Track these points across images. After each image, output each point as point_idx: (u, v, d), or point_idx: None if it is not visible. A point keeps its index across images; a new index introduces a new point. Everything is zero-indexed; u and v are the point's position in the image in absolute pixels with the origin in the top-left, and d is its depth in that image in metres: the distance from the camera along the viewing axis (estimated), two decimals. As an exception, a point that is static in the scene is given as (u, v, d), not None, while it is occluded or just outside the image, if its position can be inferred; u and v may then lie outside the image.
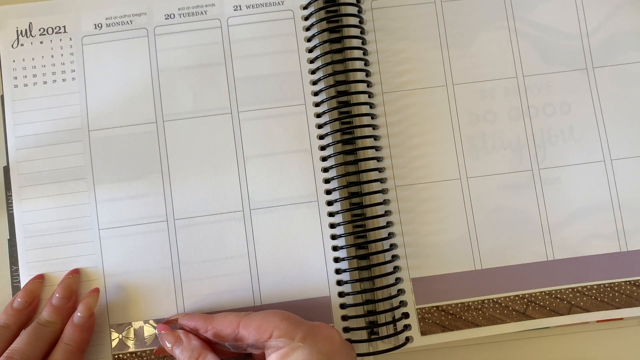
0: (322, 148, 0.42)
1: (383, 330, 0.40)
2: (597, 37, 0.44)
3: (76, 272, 0.40)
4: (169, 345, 0.37)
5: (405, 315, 0.41)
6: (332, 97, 0.42)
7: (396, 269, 0.41)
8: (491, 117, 0.43)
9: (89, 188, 0.42)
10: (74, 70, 0.43)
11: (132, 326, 0.40)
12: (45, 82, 0.43)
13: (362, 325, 0.40)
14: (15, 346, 0.36)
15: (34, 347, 0.37)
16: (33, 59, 0.43)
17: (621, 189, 0.42)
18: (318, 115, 0.42)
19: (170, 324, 0.39)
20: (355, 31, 0.43)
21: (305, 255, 0.41)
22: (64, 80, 0.43)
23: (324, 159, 0.42)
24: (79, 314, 0.38)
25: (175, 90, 0.42)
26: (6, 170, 0.42)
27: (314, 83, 0.42)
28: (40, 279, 0.40)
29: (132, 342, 0.40)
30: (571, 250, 0.42)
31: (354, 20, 0.43)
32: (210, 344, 0.37)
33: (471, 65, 0.43)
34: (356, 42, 0.43)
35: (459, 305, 0.41)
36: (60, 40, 0.43)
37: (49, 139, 0.42)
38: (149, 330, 0.40)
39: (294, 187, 0.42)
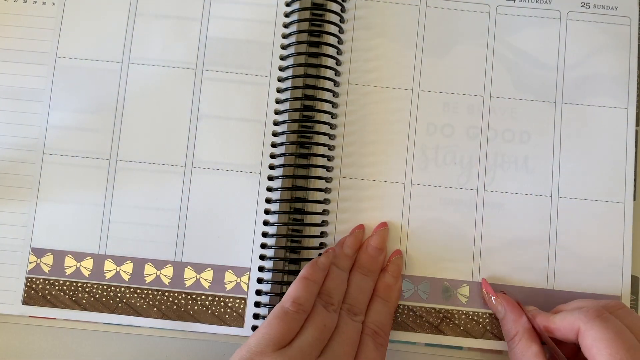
0: (276, 123, 0.42)
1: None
2: (573, 73, 0.43)
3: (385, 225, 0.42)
4: (501, 310, 0.39)
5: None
6: (298, 76, 0.42)
7: (321, 256, 0.41)
8: (449, 131, 0.43)
9: (44, 111, 0.42)
10: (55, -5, 0.43)
11: (52, 254, 0.41)
12: (25, 1, 0.43)
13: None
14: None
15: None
16: (19, -24, 0.43)
17: (561, 227, 0.42)
18: (279, 91, 0.42)
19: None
20: (335, 17, 0.43)
21: (235, 222, 0.41)
22: (44, 3, 0.43)
23: (275, 134, 0.42)
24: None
25: (148, 36, 0.43)
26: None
27: (283, 58, 0.43)
28: (362, 229, 0.42)
29: (49, 268, 0.41)
30: (497, 278, 0.41)
31: (336, 7, 0.43)
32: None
33: (441, 75, 0.43)
34: (334, 29, 0.43)
35: (374, 304, 0.41)
36: (50, -35, 0.44)
37: (14, 56, 0.42)
38: (69, 262, 0.41)
39: (239, 154, 0.42)
